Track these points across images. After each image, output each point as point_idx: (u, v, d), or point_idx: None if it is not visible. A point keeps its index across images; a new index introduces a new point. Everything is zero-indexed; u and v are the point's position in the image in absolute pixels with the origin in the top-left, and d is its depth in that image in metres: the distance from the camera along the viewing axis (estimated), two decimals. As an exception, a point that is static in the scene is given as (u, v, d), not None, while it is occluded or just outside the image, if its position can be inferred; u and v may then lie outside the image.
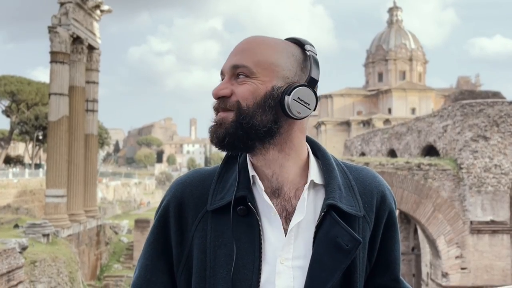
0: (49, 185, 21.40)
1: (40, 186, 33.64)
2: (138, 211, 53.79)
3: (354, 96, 70.50)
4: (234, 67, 1.10)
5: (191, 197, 1.15)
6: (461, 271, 13.78)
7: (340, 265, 1.07)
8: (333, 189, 1.11)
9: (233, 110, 1.08)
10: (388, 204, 1.18)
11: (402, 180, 13.77)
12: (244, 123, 1.07)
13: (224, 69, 1.12)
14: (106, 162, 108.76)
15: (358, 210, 1.12)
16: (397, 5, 76.11)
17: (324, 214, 1.09)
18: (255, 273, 1.06)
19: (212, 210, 1.11)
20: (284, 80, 1.10)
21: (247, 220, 1.09)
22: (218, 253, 1.09)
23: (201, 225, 1.12)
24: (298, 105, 1.07)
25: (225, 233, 1.09)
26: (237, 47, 1.13)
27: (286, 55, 1.12)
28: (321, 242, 1.07)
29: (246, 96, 1.08)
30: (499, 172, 14.09)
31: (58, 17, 21.87)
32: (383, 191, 1.19)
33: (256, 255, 1.07)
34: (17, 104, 46.17)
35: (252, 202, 1.09)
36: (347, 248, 1.07)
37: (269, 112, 1.08)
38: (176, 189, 1.18)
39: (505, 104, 14.49)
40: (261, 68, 1.09)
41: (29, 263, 14.14)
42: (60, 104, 21.51)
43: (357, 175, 1.19)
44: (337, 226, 1.08)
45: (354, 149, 26.23)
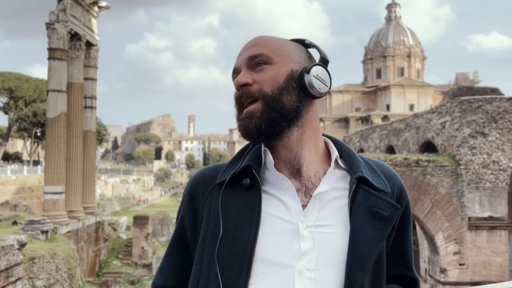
0: (48, 182, 21.38)
1: (38, 183, 33.64)
2: (136, 208, 53.82)
3: (353, 92, 70.55)
4: (251, 58, 1.15)
5: (203, 178, 1.22)
6: (459, 267, 13.83)
7: (383, 233, 1.11)
8: (358, 166, 1.16)
9: (259, 99, 1.12)
10: (406, 196, 1.23)
11: (400, 176, 13.78)
12: (276, 106, 1.11)
13: (239, 64, 1.17)
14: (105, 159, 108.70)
15: (386, 186, 1.17)
16: (396, 2, 76.00)
17: (355, 186, 1.12)
18: (251, 236, 1.08)
19: (219, 183, 1.17)
20: (299, 65, 1.16)
21: (251, 191, 1.13)
22: (219, 222, 1.12)
23: (208, 199, 1.17)
24: (318, 82, 1.13)
25: (228, 204, 1.13)
26: (248, 44, 1.19)
27: (295, 46, 1.19)
28: (358, 213, 1.10)
29: (268, 81, 1.12)
30: (497, 168, 14.12)
31: (56, 14, 21.81)
32: (401, 181, 1.25)
33: (254, 220, 1.09)
34: (15, 101, 46.07)
35: (257, 172, 1.13)
36: (387, 215, 1.11)
37: (293, 92, 1.13)
38: (192, 178, 1.27)
39: (503, 100, 14.51)
40: (278, 54, 1.15)
41: (27, 260, 14.15)
42: (58, 101, 21.47)
43: (377, 164, 1.24)
44: (372, 197, 1.12)
45: (352, 146, 26.25)
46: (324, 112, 69.01)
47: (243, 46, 1.19)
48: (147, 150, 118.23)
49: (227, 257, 1.09)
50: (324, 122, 67.62)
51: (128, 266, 24.53)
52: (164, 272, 1.26)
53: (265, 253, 1.08)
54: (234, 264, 1.08)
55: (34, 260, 14.50)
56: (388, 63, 71.86)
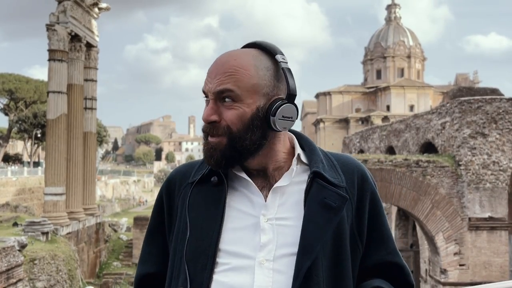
0: (48, 183, 21.38)
1: (39, 184, 33.63)
2: (137, 209, 53.80)
3: (353, 93, 70.50)
4: (219, 92, 1.17)
5: (178, 175, 1.32)
6: (460, 268, 13.83)
7: (331, 222, 1.16)
8: (316, 161, 1.23)
9: (224, 135, 1.18)
10: (370, 184, 1.27)
11: (400, 177, 13.80)
12: (238, 146, 1.17)
13: (208, 92, 1.20)
14: (105, 160, 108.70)
15: (341, 181, 1.22)
16: (395, 2, 75.99)
17: (310, 181, 1.19)
18: (216, 231, 1.17)
19: (191, 182, 1.26)
20: (265, 97, 1.19)
21: (218, 188, 1.21)
22: (189, 217, 1.21)
23: (182, 196, 1.26)
24: (283, 122, 1.18)
25: (198, 200, 1.22)
26: (214, 69, 1.19)
27: (263, 72, 1.19)
28: (311, 204, 1.17)
29: (234, 121, 1.17)
30: (497, 168, 14.12)
31: (56, 15, 21.81)
32: (363, 171, 1.29)
33: (219, 217, 1.18)
34: (16, 102, 46.12)
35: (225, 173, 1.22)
36: (336, 205, 1.17)
37: (257, 131, 1.18)
38: (170, 174, 1.37)
39: (503, 101, 14.52)
40: (245, 91, 1.17)
41: (28, 261, 14.15)
42: (58, 102, 21.48)
43: (338, 157, 1.30)
44: (324, 189, 1.18)
45: (352, 147, 26.25)
46: (324, 113, 69.03)
47: (213, 65, 1.20)
48: (147, 151, 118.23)
49: (194, 251, 1.18)
50: (324, 123, 67.63)
51: (128, 267, 24.52)
52: (146, 261, 1.35)
53: (228, 246, 1.16)
54: (200, 257, 1.17)
55: (35, 261, 14.50)
56: (388, 64, 71.84)
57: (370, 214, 1.25)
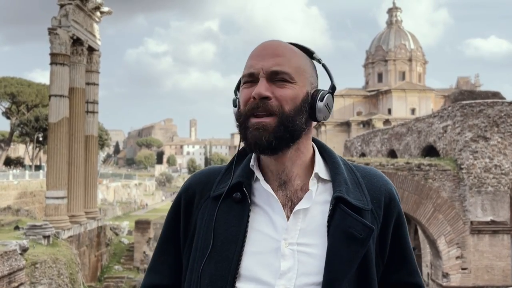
0: (50, 187, 21.39)
1: (40, 187, 33.66)
2: (138, 212, 53.78)
3: (354, 96, 70.51)
4: (274, 73, 1.14)
5: (198, 184, 1.26)
6: (462, 272, 13.79)
7: (356, 254, 1.11)
8: (339, 183, 1.17)
9: (275, 115, 1.13)
10: (397, 204, 1.24)
11: (402, 181, 13.78)
12: (289, 126, 1.13)
13: (257, 70, 1.15)
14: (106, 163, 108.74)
15: (366, 204, 1.17)
16: (397, 6, 76.09)
17: (333, 207, 1.14)
18: (236, 254, 1.12)
19: (213, 196, 1.20)
20: (311, 86, 1.20)
21: (240, 206, 1.16)
22: (208, 235, 1.16)
23: (202, 210, 1.21)
24: (325, 110, 1.18)
25: (218, 218, 1.17)
26: (264, 50, 1.17)
27: (309, 64, 1.22)
28: (335, 234, 1.11)
29: (288, 100, 1.14)
30: (499, 172, 14.10)
31: (58, 19, 21.87)
32: (391, 189, 1.25)
33: (240, 238, 1.13)
34: (17, 106, 46.20)
35: (247, 188, 1.17)
36: (361, 237, 1.11)
37: (304, 115, 1.16)
38: (188, 179, 1.31)
39: (505, 104, 14.51)
40: (299, 75, 1.16)
41: (29, 265, 14.14)
42: (60, 105, 21.51)
43: (364, 173, 1.25)
44: (348, 218, 1.13)
45: (354, 150, 26.23)
46: (325, 116, 69.00)
47: (261, 48, 1.18)
48: (149, 154, 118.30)
49: (212, 273, 1.13)
50: (325, 126, 67.59)
51: (129, 270, 24.49)
52: (157, 272, 1.28)
53: (248, 271, 1.11)
54: (219, 280, 1.12)
55: (36, 265, 14.49)
56: (389, 67, 71.88)
57: (394, 234, 1.23)
